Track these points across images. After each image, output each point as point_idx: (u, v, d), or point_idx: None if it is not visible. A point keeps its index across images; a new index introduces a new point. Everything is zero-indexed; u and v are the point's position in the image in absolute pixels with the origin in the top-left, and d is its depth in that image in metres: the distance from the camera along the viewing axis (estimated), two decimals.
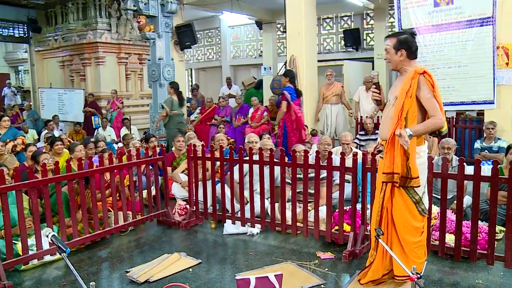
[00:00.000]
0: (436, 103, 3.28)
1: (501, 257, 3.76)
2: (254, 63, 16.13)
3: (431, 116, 3.28)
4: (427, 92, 3.28)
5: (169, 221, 5.34)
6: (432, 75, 3.31)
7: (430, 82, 3.28)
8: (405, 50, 3.41)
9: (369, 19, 13.76)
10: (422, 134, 3.35)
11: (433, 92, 3.28)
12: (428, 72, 3.32)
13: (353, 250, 4.24)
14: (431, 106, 3.27)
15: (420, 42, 7.80)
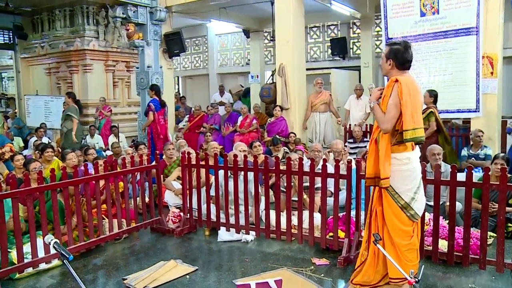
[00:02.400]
0: (390, 112, 3.39)
1: (493, 261, 3.86)
2: (241, 71, 16.21)
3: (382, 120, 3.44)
4: (391, 100, 3.40)
5: (163, 229, 5.34)
6: (403, 84, 3.35)
7: (398, 90, 3.37)
8: (394, 60, 3.52)
9: (355, 28, 13.95)
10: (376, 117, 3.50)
11: (401, 100, 3.35)
12: (400, 81, 3.39)
13: (348, 256, 4.30)
14: (386, 112, 3.42)
15: None
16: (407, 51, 3.53)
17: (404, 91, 3.35)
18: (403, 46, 3.54)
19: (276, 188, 4.79)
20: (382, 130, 3.48)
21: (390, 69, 3.52)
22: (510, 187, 3.78)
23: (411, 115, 3.35)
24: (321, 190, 4.54)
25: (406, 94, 3.35)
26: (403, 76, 3.45)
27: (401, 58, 3.49)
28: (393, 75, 3.49)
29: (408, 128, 3.34)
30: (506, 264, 3.83)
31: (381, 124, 3.48)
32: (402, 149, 3.48)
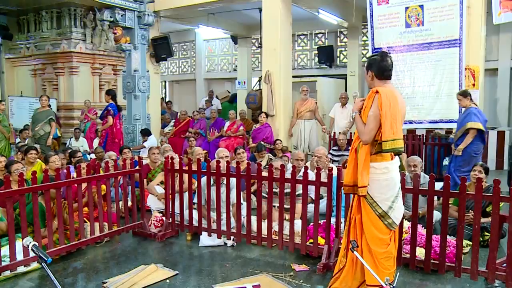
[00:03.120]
0: (370, 124, 3.44)
1: (468, 269, 3.93)
2: (228, 77, 16.29)
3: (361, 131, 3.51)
4: (371, 111, 3.45)
5: (145, 233, 5.34)
6: (383, 95, 3.40)
7: (378, 101, 3.44)
8: (373, 71, 3.59)
9: (342, 36, 14.12)
10: (357, 128, 3.56)
11: (380, 110, 3.42)
12: (380, 92, 3.45)
13: (327, 262, 4.34)
14: (366, 124, 3.47)
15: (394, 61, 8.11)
16: (385, 60, 3.58)
17: (384, 103, 3.40)
18: (380, 56, 3.60)
19: (258, 195, 4.82)
20: (362, 141, 3.53)
21: (371, 80, 3.59)
22: (485, 197, 3.86)
23: (391, 126, 3.41)
24: (302, 197, 4.58)
25: (386, 105, 3.40)
26: (384, 87, 3.51)
27: (380, 68, 3.55)
28: (375, 86, 3.56)
29: (387, 139, 3.40)
30: (480, 272, 3.90)
31: (361, 135, 3.54)
32: (381, 159, 3.54)
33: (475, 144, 6.49)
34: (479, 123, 6.41)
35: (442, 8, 7.43)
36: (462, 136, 6.52)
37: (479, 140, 6.52)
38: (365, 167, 3.52)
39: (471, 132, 6.44)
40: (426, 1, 7.59)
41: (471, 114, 6.51)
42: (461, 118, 6.68)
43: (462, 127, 6.54)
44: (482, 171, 5.12)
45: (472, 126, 6.40)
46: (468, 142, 6.44)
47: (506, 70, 11.42)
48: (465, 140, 6.47)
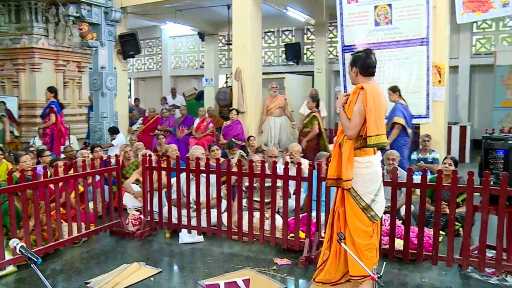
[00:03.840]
0: (354, 120, 3.54)
1: (444, 257, 4.11)
2: (195, 74, 16.20)
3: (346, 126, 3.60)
4: (356, 107, 3.55)
5: (123, 232, 5.29)
6: (368, 91, 3.50)
7: (363, 97, 3.55)
8: (357, 67, 3.69)
9: (309, 34, 14.29)
10: (342, 122, 3.65)
11: (365, 106, 3.53)
12: (365, 88, 3.56)
13: (309, 255, 4.43)
14: (351, 119, 3.57)
15: None
16: (369, 57, 3.69)
17: (369, 99, 3.50)
18: (365, 53, 3.71)
19: (238, 190, 4.86)
20: (347, 136, 3.62)
21: (356, 76, 3.69)
22: (461, 188, 4.04)
23: (375, 122, 3.52)
24: (283, 192, 4.65)
25: (371, 101, 3.51)
26: (368, 83, 3.61)
27: (364, 65, 3.65)
28: (359, 82, 3.65)
29: (372, 134, 3.51)
30: (455, 259, 4.09)
31: (346, 130, 3.63)
32: (364, 153, 3.64)
33: (401, 137, 7.07)
34: (402, 118, 6.98)
35: (410, 8, 7.64)
36: (390, 130, 6.97)
37: (404, 134, 7.09)
38: (349, 161, 3.62)
39: (396, 126, 6.99)
40: (394, 0, 7.79)
41: (396, 110, 7.07)
42: (390, 113, 7.13)
43: (390, 121, 7.01)
44: (452, 164, 5.33)
45: (396, 121, 6.98)
46: (394, 136, 6.99)
47: (466, 68, 11.87)
48: (392, 135, 6.97)
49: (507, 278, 3.96)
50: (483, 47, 11.98)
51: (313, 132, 7.59)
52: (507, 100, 9.63)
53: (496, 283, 3.93)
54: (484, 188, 3.89)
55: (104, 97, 10.38)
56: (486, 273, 4.05)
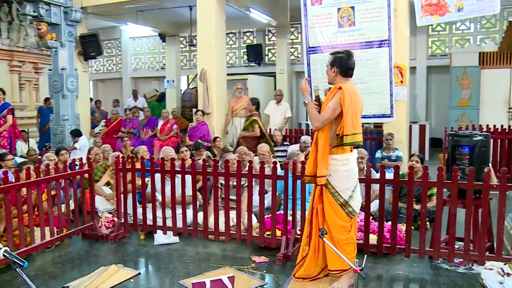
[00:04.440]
0: (326, 114, 3.70)
1: (416, 249, 4.30)
2: (156, 76, 16.05)
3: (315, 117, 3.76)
4: (330, 103, 3.71)
5: (96, 234, 5.21)
6: (345, 92, 3.66)
7: (341, 97, 3.69)
8: (338, 67, 3.82)
9: (271, 35, 14.43)
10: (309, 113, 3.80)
11: (342, 106, 3.67)
12: (343, 89, 3.70)
13: (286, 252, 4.52)
14: (322, 112, 3.73)
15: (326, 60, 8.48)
16: (350, 59, 3.84)
17: (346, 99, 3.64)
18: (346, 55, 3.85)
19: (214, 190, 4.90)
20: (314, 127, 3.79)
21: (335, 76, 3.81)
22: (431, 183, 4.24)
23: (352, 122, 3.67)
24: (259, 190, 4.73)
25: (348, 102, 3.65)
26: (346, 84, 3.75)
27: (344, 66, 3.79)
28: (337, 82, 3.78)
29: (348, 133, 3.65)
30: (426, 251, 4.29)
31: (313, 122, 3.78)
32: (342, 151, 3.78)
33: None
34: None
35: (372, 10, 7.88)
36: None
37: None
38: (324, 158, 3.74)
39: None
40: (357, 3, 8.01)
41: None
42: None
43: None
44: (418, 161, 5.57)
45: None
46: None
47: (423, 69, 12.36)
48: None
49: (473, 266, 4.18)
50: (438, 49, 12.51)
51: (253, 135, 7.80)
52: (462, 99, 10.08)
53: (464, 271, 4.14)
54: (453, 183, 4.10)
55: (65, 99, 10.12)
56: (455, 263, 4.26)
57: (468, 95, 10.01)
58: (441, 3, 7.50)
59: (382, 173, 4.37)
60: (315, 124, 3.74)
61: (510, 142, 7.72)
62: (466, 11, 7.39)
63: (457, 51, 10.58)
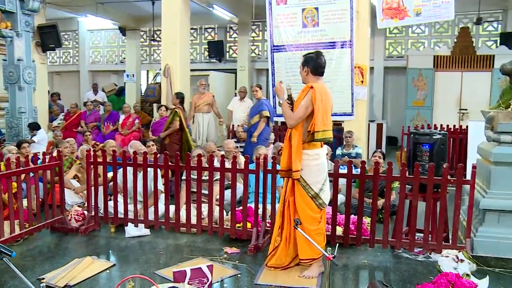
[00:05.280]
0: (299, 112, 3.91)
1: (380, 240, 4.58)
2: (114, 70, 15.82)
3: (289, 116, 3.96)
4: (303, 102, 3.93)
5: (66, 228, 5.18)
6: (317, 91, 3.88)
7: (312, 95, 3.90)
8: (309, 67, 4.04)
9: (232, 32, 14.54)
10: (284, 112, 4.00)
11: (313, 105, 3.88)
12: (314, 88, 3.93)
13: (257, 244, 4.68)
14: (295, 111, 3.94)
15: (290, 58, 8.74)
16: (320, 58, 4.06)
17: (317, 98, 3.86)
18: (315, 55, 4.07)
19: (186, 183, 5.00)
20: (288, 125, 3.99)
21: (306, 75, 4.03)
22: (395, 177, 4.51)
23: (322, 119, 3.89)
24: (231, 184, 4.87)
25: (319, 100, 3.86)
26: (317, 83, 3.96)
27: (315, 65, 4.01)
28: (309, 81, 3.99)
29: (319, 129, 3.87)
30: (389, 241, 4.57)
31: (288, 120, 3.98)
32: (313, 147, 3.99)
33: (266, 130, 7.97)
34: (268, 111, 7.92)
35: (335, 12, 8.16)
36: (255, 124, 7.95)
37: (268, 126, 8.05)
38: (298, 153, 3.93)
39: (263, 120, 7.88)
40: (321, 4, 8.27)
41: (263, 104, 7.97)
42: (255, 108, 8.12)
43: (258, 114, 7.91)
44: (381, 157, 5.88)
45: (265, 114, 7.85)
46: (261, 128, 7.86)
47: (380, 69, 12.85)
48: (259, 128, 7.87)
49: (431, 255, 4.50)
50: (395, 50, 13.03)
51: (173, 128, 8.05)
52: (418, 100, 10.59)
53: (423, 260, 4.46)
54: (415, 178, 4.40)
55: (21, 91, 9.84)
56: (414, 252, 4.56)
57: (423, 96, 10.54)
58: (401, 8, 7.87)
59: (349, 169, 4.61)
60: (290, 122, 3.93)
61: (461, 141, 8.22)
62: (423, 16, 7.79)
63: (414, 53, 11.09)
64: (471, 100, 10.13)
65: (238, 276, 4.08)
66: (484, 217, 4.39)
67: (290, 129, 4.01)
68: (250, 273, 4.16)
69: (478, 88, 10.06)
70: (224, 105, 11.12)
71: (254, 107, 8.33)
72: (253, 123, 8.05)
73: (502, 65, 4.56)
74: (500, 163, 4.35)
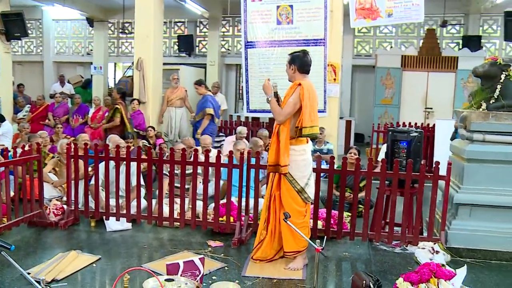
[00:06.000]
0: (287, 108, 4.03)
1: (360, 233, 4.76)
2: (81, 61, 15.49)
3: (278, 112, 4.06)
4: (291, 98, 4.06)
5: (45, 222, 5.10)
6: (304, 88, 4.03)
7: (300, 92, 4.03)
8: (296, 65, 4.16)
9: (202, 26, 14.51)
10: (273, 109, 4.10)
11: (302, 101, 4.02)
12: (302, 85, 4.06)
13: (240, 237, 4.77)
14: (284, 107, 4.06)
15: (263, 55, 8.83)
16: (306, 57, 4.20)
17: (305, 95, 3.99)
18: (302, 53, 4.21)
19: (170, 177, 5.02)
20: (277, 121, 4.10)
21: (293, 73, 4.15)
22: (375, 173, 4.69)
23: (309, 115, 4.02)
24: (215, 179, 4.93)
25: (307, 97, 4.00)
26: (304, 80, 4.09)
27: (302, 63, 4.14)
28: (296, 79, 4.11)
29: (307, 125, 4.00)
30: (369, 234, 4.76)
31: (277, 116, 4.09)
32: (300, 142, 4.13)
33: (210, 126, 8.21)
34: (212, 109, 8.16)
35: (309, 10, 8.28)
36: (200, 120, 8.18)
37: (213, 122, 8.29)
38: (286, 149, 4.05)
39: (206, 116, 8.10)
40: (295, 2, 8.37)
41: (207, 101, 8.16)
42: (199, 104, 8.34)
43: (201, 111, 8.14)
44: (356, 153, 6.06)
45: (208, 112, 8.11)
46: (205, 125, 8.11)
47: (348, 68, 13.13)
48: (202, 125, 8.11)
49: (407, 247, 4.72)
50: (363, 49, 13.35)
51: (113, 123, 8.19)
52: (385, 98, 10.93)
53: (400, 252, 4.67)
54: (394, 173, 4.60)
55: None
56: (392, 245, 4.77)
57: (391, 94, 10.88)
58: (374, 8, 8.09)
59: (331, 164, 4.76)
60: (279, 118, 4.04)
61: (428, 138, 8.55)
62: (395, 17, 8.03)
63: (382, 53, 11.42)
64: (436, 100, 10.54)
65: (225, 268, 4.16)
66: (457, 211, 4.64)
67: (278, 125, 4.11)
68: (237, 265, 4.24)
69: (442, 88, 10.47)
70: (194, 99, 11.11)
71: (198, 104, 8.52)
72: (198, 119, 8.26)
73: (474, 68, 4.80)
74: (472, 160, 4.60)
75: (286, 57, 8.45)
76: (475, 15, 12.11)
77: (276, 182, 4.19)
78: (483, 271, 4.24)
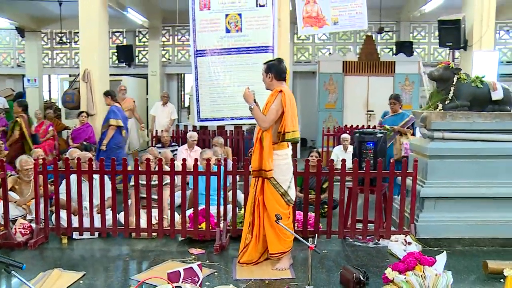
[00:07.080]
0: (271, 115, 4.21)
1: (336, 231, 4.99)
2: (11, 74, 14.73)
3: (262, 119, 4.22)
4: (273, 105, 4.24)
5: (11, 243, 4.83)
6: (286, 95, 4.23)
7: (282, 99, 4.22)
8: (272, 73, 4.33)
9: (141, 36, 14.32)
10: (256, 117, 4.26)
11: (284, 107, 4.20)
12: (284, 92, 4.25)
13: (221, 243, 4.83)
14: (268, 114, 4.23)
15: (213, 63, 8.91)
16: (281, 64, 4.39)
17: (287, 102, 4.18)
18: (277, 61, 4.41)
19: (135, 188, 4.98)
20: (262, 128, 4.24)
21: (271, 81, 4.33)
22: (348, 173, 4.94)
23: (291, 121, 4.22)
24: (193, 186, 4.96)
25: (288, 103, 4.19)
26: (283, 87, 4.26)
27: (278, 70, 4.31)
28: (275, 87, 4.27)
29: (289, 130, 4.19)
30: (344, 232, 5.00)
31: (261, 123, 4.23)
32: (282, 147, 4.30)
33: (115, 138, 7.83)
34: (119, 119, 7.84)
35: (258, 18, 8.50)
36: (104, 131, 7.88)
37: (118, 134, 7.92)
38: (270, 154, 4.20)
39: (111, 128, 7.78)
40: (244, 11, 8.56)
41: (110, 112, 7.97)
42: (105, 116, 8.08)
43: (106, 123, 7.87)
44: (317, 156, 6.33)
45: (113, 123, 7.75)
46: (110, 136, 7.74)
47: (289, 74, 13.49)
48: (107, 136, 7.77)
49: (379, 241, 5.01)
50: (302, 56, 13.80)
51: (13, 137, 8.04)
52: (329, 103, 11.38)
53: (374, 246, 4.96)
54: (366, 172, 4.88)
55: None
56: (365, 240, 5.04)
57: (334, 99, 11.35)
58: (320, 17, 8.47)
59: (306, 167, 4.96)
60: (264, 125, 4.17)
61: None
62: (340, 25, 8.46)
63: (324, 59, 11.89)
64: (377, 102, 11.11)
65: (215, 274, 4.21)
66: (423, 205, 5.00)
67: (261, 131, 4.24)
68: (225, 270, 4.31)
69: (382, 91, 11.07)
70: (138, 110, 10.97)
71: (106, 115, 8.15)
72: (103, 130, 7.94)
73: (430, 71, 5.21)
74: (434, 156, 4.99)
75: (235, 65, 8.81)
76: (406, 22, 12.99)
77: (260, 186, 4.31)
78: (451, 257, 4.58)
